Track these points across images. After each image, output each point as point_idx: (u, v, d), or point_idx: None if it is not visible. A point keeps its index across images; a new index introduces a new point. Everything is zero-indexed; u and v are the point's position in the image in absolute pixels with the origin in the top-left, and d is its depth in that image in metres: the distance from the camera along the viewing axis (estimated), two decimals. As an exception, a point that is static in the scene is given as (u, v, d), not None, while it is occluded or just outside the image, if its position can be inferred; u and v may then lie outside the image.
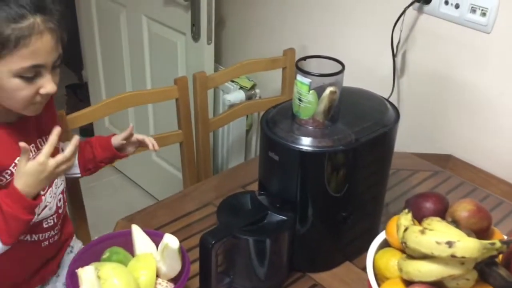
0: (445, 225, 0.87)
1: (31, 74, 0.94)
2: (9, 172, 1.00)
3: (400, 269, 0.87)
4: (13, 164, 1.01)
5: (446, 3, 1.35)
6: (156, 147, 1.23)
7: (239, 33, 1.99)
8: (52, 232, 1.14)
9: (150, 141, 1.24)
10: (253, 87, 1.98)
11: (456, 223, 0.94)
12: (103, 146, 1.22)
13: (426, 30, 1.42)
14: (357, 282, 1.06)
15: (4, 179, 1.00)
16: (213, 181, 1.37)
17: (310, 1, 1.69)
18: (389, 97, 1.49)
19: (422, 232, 0.83)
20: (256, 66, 1.69)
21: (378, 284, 0.90)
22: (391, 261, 0.92)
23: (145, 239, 0.99)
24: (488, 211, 0.95)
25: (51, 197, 1.09)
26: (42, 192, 1.04)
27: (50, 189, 1.09)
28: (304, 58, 1.00)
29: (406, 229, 0.87)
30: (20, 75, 0.93)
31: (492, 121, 1.36)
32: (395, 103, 1.53)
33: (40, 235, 1.11)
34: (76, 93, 2.87)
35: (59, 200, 1.14)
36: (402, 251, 0.93)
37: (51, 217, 1.12)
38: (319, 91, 0.97)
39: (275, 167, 1.01)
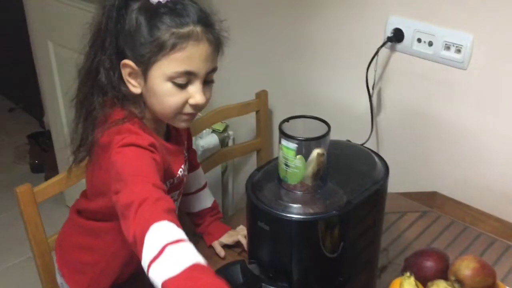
0: (453, 291, 0.83)
1: (183, 81, 0.96)
2: (174, 179, 1.09)
3: None
4: (178, 174, 1.09)
5: (419, 40, 1.33)
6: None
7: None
8: None
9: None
10: (225, 129, 1.93)
11: (460, 282, 0.91)
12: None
13: (401, 68, 1.40)
14: None
15: (169, 183, 1.08)
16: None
17: (282, 42, 1.66)
18: (369, 137, 1.46)
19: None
20: (230, 112, 1.64)
21: None
22: (398, 331, 0.88)
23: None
24: (491, 266, 0.92)
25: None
26: None
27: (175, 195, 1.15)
28: (287, 120, 0.95)
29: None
30: (172, 80, 0.95)
31: (475, 156, 1.34)
32: (374, 142, 1.50)
33: None
34: (38, 142, 2.75)
35: None
36: (408, 318, 0.88)
37: None
38: (306, 152, 0.92)
39: (265, 236, 0.95)
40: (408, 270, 0.92)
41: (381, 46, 1.37)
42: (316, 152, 0.92)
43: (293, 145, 0.90)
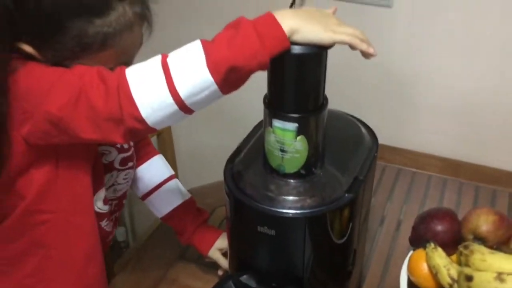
0: (501, 256, 0.75)
1: None
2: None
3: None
4: None
5: (338, -20, 1.20)
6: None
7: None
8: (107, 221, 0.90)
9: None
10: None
11: (482, 240, 0.84)
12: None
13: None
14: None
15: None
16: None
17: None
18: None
19: (501, 279, 0.69)
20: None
21: None
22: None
23: None
24: (506, 215, 0.86)
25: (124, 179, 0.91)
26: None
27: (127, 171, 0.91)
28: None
29: (458, 278, 0.73)
30: None
31: (403, 96, 1.29)
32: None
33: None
34: None
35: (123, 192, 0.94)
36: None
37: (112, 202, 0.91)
38: (304, 131, 0.73)
39: (269, 242, 0.76)
40: (426, 240, 0.82)
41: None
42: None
43: (292, 125, 0.72)
